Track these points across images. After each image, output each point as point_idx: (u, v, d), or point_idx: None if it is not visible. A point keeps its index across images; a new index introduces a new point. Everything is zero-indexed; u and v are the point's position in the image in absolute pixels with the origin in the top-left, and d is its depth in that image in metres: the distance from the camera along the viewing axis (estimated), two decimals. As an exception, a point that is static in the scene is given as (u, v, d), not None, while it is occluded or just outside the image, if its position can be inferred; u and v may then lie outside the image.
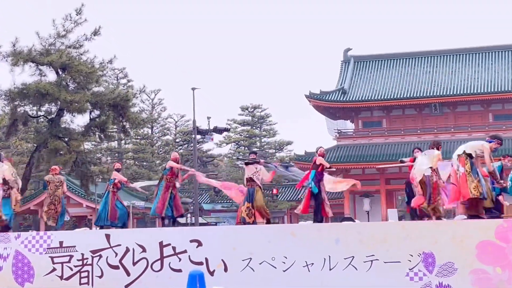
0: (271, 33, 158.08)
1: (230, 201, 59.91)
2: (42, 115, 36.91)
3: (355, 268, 13.13)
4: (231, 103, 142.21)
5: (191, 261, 13.88)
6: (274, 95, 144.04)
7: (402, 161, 17.19)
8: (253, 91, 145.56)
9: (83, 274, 14.39)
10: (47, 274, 14.52)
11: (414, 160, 15.68)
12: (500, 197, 15.85)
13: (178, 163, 16.96)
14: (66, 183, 19.54)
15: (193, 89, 41.63)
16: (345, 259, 13.20)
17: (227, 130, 47.48)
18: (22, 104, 34.71)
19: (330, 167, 16.20)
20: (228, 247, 13.84)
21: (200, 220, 50.49)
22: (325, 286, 13.21)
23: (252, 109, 65.20)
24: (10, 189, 16.09)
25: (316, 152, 16.12)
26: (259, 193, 15.71)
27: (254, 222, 15.43)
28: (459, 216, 14.18)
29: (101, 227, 17.11)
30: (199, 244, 13.97)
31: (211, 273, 13.68)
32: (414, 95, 55.10)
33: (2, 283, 14.57)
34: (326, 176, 15.88)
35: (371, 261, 13.07)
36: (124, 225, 17.60)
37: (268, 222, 15.74)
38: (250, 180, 15.76)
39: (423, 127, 56.11)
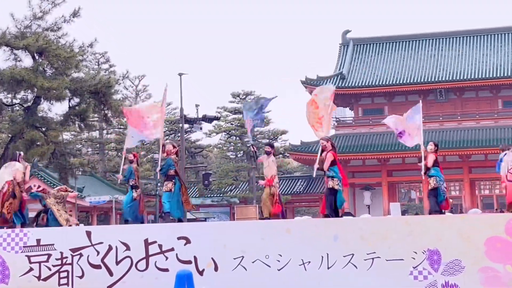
0: (264, 14, 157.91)
1: (221, 195, 59.96)
2: (18, 103, 36.78)
3: (355, 267, 13.15)
4: (221, 89, 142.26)
5: (179, 260, 13.87)
6: (268, 80, 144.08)
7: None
8: (245, 76, 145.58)
9: (62, 274, 14.37)
10: (23, 275, 14.49)
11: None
12: None
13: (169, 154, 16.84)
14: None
15: (180, 74, 41.61)
16: (344, 257, 13.21)
17: (217, 118, 47.43)
18: (-4, 92, 34.59)
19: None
20: (218, 244, 13.84)
21: (188, 215, 50.47)
22: (323, 286, 13.23)
23: (244, 96, 65.03)
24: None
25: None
26: (265, 190, 16.40)
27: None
28: (473, 210, 14.26)
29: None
30: (187, 241, 13.96)
31: (201, 273, 13.68)
32: (418, 80, 55.15)
33: (-25, 284, 14.56)
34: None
35: (372, 259, 13.09)
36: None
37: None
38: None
39: (428, 114, 56.02)
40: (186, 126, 45.59)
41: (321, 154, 15.92)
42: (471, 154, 50.89)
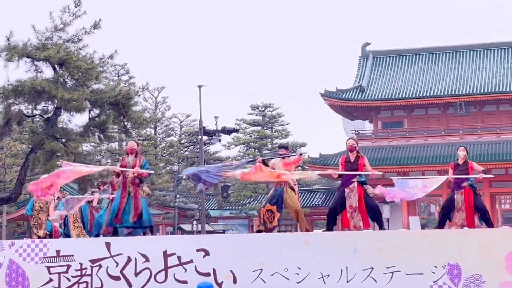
0: (284, 25, 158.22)
1: (239, 207, 59.96)
2: (38, 114, 36.96)
3: (375, 280, 13.08)
4: (240, 101, 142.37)
5: (198, 272, 13.86)
6: (287, 93, 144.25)
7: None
8: (264, 89, 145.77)
9: (81, 285, 14.39)
10: (43, 285, 14.52)
11: (455, 166, 15.48)
12: None
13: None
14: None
15: (200, 86, 41.76)
16: (363, 270, 13.15)
17: (236, 130, 47.53)
18: (17, 103, 34.76)
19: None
20: (237, 256, 13.82)
21: (207, 227, 50.50)
22: (342, 299, 13.17)
23: (263, 108, 65.16)
24: None
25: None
26: (292, 194, 15.46)
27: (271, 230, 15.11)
28: (503, 227, 14.11)
29: None
30: (206, 253, 13.95)
31: (219, 285, 13.67)
32: (438, 94, 55.00)
33: (-4, 295, 14.63)
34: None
35: (392, 272, 13.02)
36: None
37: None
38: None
39: (448, 128, 55.96)
40: (205, 138, 45.72)
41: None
42: (492, 168, 50.58)
